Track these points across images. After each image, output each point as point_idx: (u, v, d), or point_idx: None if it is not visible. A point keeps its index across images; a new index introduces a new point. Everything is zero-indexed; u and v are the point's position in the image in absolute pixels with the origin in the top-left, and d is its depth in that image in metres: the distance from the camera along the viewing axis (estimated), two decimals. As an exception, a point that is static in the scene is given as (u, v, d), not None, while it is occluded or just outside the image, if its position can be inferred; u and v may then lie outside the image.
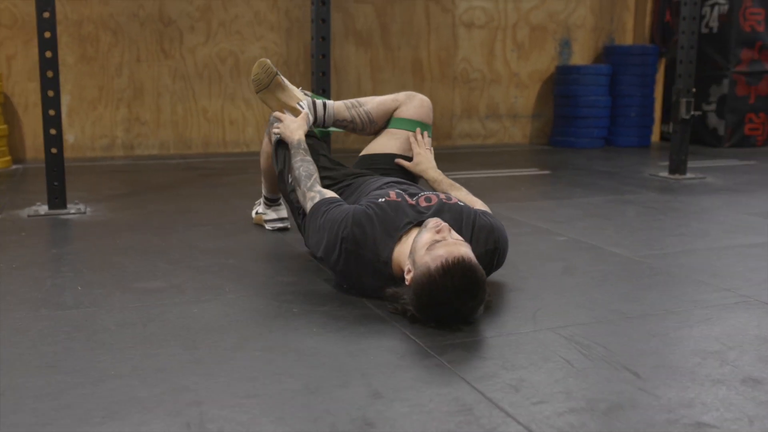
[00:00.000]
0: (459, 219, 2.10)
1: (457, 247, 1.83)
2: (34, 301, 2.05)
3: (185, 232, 2.94)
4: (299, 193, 2.31)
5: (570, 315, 2.00)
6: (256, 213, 3.10)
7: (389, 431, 1.34)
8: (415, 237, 1.94)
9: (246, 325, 1.90)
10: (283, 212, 3.02)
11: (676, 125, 4.56)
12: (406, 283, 1.90)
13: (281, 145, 2.58)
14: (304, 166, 2.36)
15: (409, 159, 2.60)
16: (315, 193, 2.24)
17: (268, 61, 2.64)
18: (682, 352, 1.75)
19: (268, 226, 3.01)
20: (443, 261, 1.78)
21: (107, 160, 5.15)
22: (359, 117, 2.66)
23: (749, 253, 2.70)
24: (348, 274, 2.07)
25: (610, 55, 6.53)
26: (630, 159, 5.65)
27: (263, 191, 2.99)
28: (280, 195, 2.99)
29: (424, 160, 2.57)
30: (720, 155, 5.86)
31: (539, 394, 1.50)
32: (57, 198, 3.24)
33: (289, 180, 2.49)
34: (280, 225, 3.00)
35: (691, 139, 6.67)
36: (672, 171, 4.62)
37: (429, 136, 2.63)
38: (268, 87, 2.63)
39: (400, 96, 2.65)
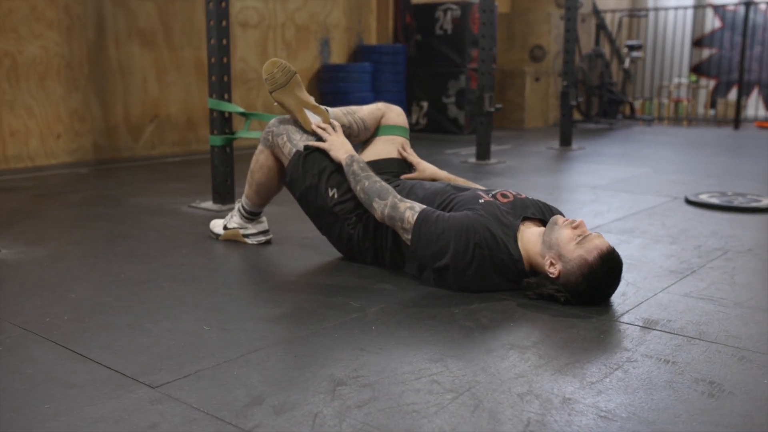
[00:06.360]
0: (540, 210, 2.37)
1: (601, 239, 2.10)
2: (190, 348, 1.81)
3: (172, 258, 2.67)
4: (382, 204, 2.31)
5: (651, 279, 2.40)
6: (225, 228, 2.93)
7: (739, 390, 1.61)
8: (550, 233, 2.15)
9: (439, 332, 1.92)
10: (264, 225, 2.91)
11: (481, 117, 5.21)
12: (553, 275, 2.12)
13: (309, 158, 2.54)
14: (374, 177, 2.40)
15: (409, 165, 2.78)
16: (410, 202, 2.30)
17: (281, 60, 2.61)
18: (765, 294, 2.27)
19: (252, 241, 2.87)
20: (600, 252, 2.05)
21: None
22: (356, 123, 2.75)
23: (657, 216, 3.37)
24: (480, 276, 2.18)
25: (368, 53, 7.03)
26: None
27: (245, 206, 2.84)
28: (262, 209, 2.88)
29: (427, 166, 2.78)
30: (468, 142, 6.68)
31: (756, 338, 1.88)
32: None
33: (331, 194, 2.49)
34: (264, 238, 2.89)
35: (436, 129, 7.56)
36: (480, 157, 5.28)
37: (407, 139, 2.83)
38: (286, 85, 2.59)
39: (381, 106, 2.85)
